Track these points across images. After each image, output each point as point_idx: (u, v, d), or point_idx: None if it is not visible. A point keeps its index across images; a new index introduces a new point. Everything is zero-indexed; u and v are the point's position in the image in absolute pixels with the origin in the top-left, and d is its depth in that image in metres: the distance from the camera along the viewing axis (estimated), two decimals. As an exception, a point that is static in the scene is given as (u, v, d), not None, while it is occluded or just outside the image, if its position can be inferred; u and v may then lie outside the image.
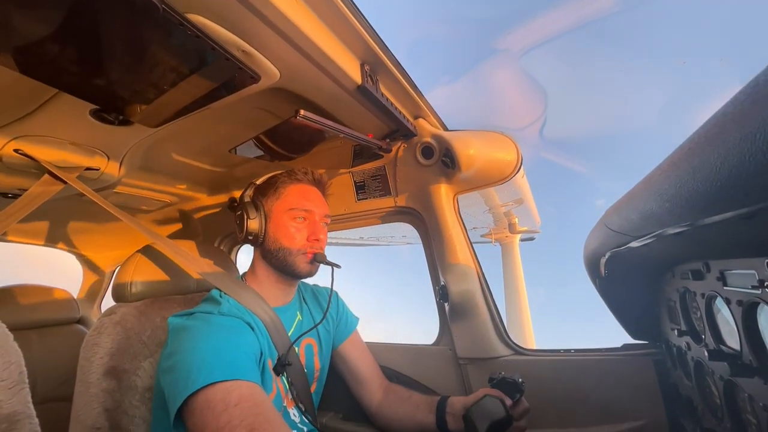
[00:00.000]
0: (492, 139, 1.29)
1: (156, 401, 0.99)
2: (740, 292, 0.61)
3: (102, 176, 1.23)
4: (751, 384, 0.62)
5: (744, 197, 0.38)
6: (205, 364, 0.83)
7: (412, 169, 1.40)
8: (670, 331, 0.95)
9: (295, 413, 1.09)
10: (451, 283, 1.31)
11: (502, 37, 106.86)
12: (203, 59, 0.75)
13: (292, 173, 1.18)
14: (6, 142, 1.01)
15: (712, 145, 0.38)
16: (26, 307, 1.77)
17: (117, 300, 1.18)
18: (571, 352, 1.23)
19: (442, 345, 1.42)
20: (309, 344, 1.22)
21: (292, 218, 1.12)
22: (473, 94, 44.25)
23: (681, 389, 0.96)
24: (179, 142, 1.24)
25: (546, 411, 1.17)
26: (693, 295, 0.79)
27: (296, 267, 1.11)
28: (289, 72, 0.87)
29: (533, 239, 11.22)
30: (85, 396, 0.98)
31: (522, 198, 7.19)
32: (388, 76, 1.06)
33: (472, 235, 1.44)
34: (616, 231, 0.76)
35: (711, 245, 0.66)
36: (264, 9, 0.68)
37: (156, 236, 1.13)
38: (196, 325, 0.93)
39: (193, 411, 0.79)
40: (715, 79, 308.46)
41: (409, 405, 1.21)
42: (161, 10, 0.61)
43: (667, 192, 0.49)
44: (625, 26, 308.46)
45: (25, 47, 0.67)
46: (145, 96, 0.86)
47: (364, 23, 0.86)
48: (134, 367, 1.04)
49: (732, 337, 0.68)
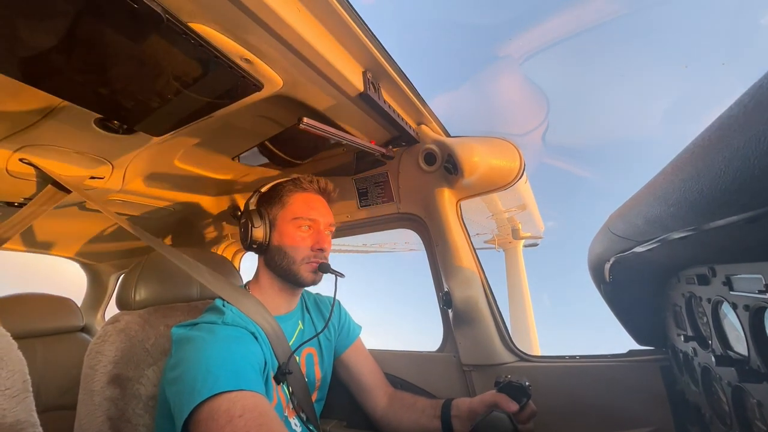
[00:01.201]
0: (494, 145, 1.29)
1: (160, 411, 0.98)
2: (747, 296, 0.60)
3: (106, 185, 1.24)
4: (759, 390, 0.61)
5: (749, 200, 0.38)
6: (210, 375, 0.82)
7: (414, 175, 1.40)
8: (677, 336, 0.94)
9: (296, 423, 1.08)
10: (454, 290, 1.30)
11: (505, 44, 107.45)
12: (206, 68, 0.76)
13: (297, 182, 1.17)
14: (11, 152, 1.02)
15: (716, 148, 0.37)
16: (30, 315, 1.78)
17: (120, 308, 1.18)
18: (576, 359, 1.22)
19: (446, 352, 1.41)
20: (309, 353, 1.21)
21: (297, 227, 1.11)
22: (476, 101, 44.36)
23: (688, 395, 0.95)
24: (182, 150, 1.25)
25: (551, 418, 1.16)
26: (699, 300, 0.78)
27: (300, 276, 1.11)
28: (291, 80, 0.88)
29: (537, 245, 11.20)
30: (88, 404, 0.98)
31: (525, 204, 7.18)
32: (390, 83, 1.06)
33: (476, 241, 1.43)
34: (621, 236, 0.75)
35: (716, 249, 0.65)
36: (266, 17, 0.68)
37: (159, 244, 1.13)
38: (200, 335, 0.93)
39: (199, 422, 0.78)
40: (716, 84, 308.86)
41: (413, 411, 1.21)
42: (165, 19, 0.61)
43: (671, 196, 0.49)
44: (627, 30, 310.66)
45: (29, 58, 0.68)
46: (148, 105, 0.87)
47: (366, 31, 0.87)
48: (138, 375, 1.04)
49: (739, 342, 0.67)
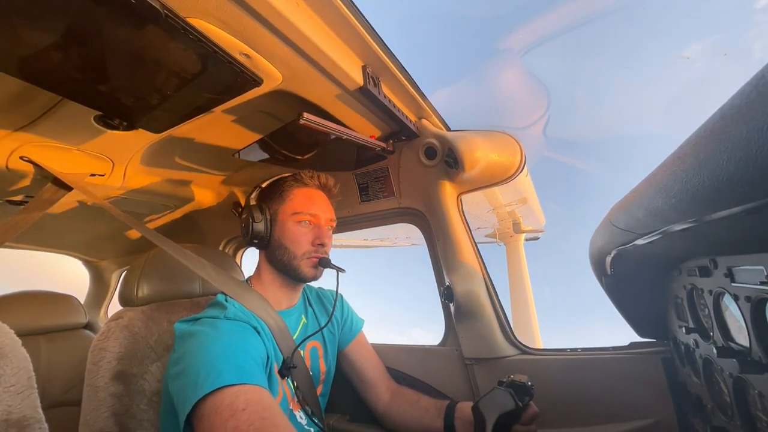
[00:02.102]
0: (495, 139, 1.29)
1: (164, 406, 0.99)
2: (748, 288, 0.60)
3: (107, 181, 1.24)
4: (761, 381, 0.61)
5: (751, 191, 0.37)
6: (213, 369, 0.82)
7: (415, 170, 1.40)
8: (678, 328, 0.95)
9: (301, 416, 1.09)
10: (456, 284, 1.30)
11: (505, 37, 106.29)
12: (205, 64, 0.76)
13: (298, 177, 1.17)
14: (12, 150, 1.02)
15: (718, 138, 0.37)
16: (34, 313, 1.78)
17: (123, 304, 1.19)
18: (578, 351, 1.22)
19: (448, 345, 1.42)
20: (314, 347, 1.22)
21: (298, 222, 1.11)
22: (476, 94, 44.05)
23: (690, 387, 0.95)
24: (183, 146, 1.25)
25: (553, 410, 1.17)
26: (700, 291, 0.78)
27: (300, 271, 1.11)
28: (291, 75, 0.87)
29: (538, 239, 11.18)
30: (93, 400, 0.99)
31: (526, 197, 7.17)
32: (390, 78, 1.06)
33: (477, 235, 1.43)
34: (622, 228, 0.75)
35: (718, 241, 0.65)
36: (265, 12, 0.68)
37: (161, 240, 1.13)
38: (203, 330, 0.93)
39: (202, 416, 0.79)
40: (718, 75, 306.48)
41: (416, 409, 1.21)
42: (163, 15, 0.61)
43: (672, 187, 0.49)
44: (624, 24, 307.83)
45: (29, 56, 0.68)
46: (148, 101, 0.86)
47: (365, 25, 0.87)
48: (142, 371, 1.05)
49: (741, 333, 0.67)
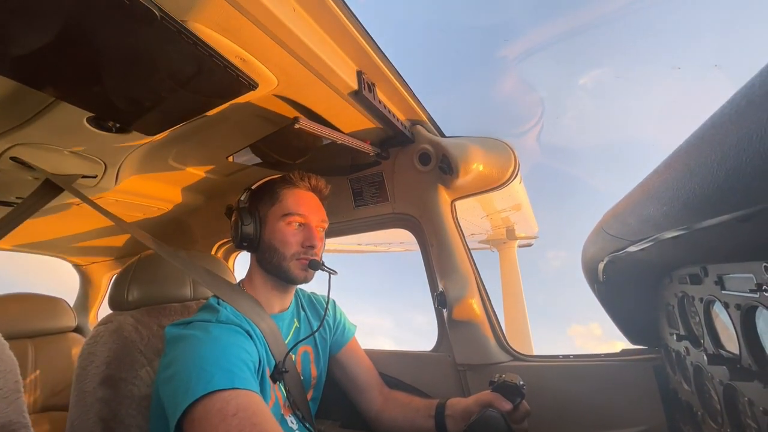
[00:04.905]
0: (489, 145, 1.29)
1: (154, 411, 0.98)
2: (738, 296, 0.61)
3: (99, 184, 1.23)
4: (750, 388, 0.61)
5: (741, 199, 0.38)
6: (204, 374, 0.81)
7: (409, 175, 1.40)
8: (669, 335, 0.95)
9: (292, 420, 1.08)
10: (449, 290, 1.30)
11: (500, 45, 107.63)
12: (201, 67, 0.76)
13: (288, 178, 1.16)
14: (3, 150, 1.01)
15: (709, 147, 0.38)
16: (22, 316, 1.76)
17: (113, 308, 1.17)
18: (570, 358, 1.23)
19: (441, 351, 1.41)
20: (306, 351, 1.21)
21: (287, 224, 1.10)
22: (471, 102, 44.35)
23: (680, 394, 0.95)
24: (177, 149, 1.24)
25: (545, 417, 1.17)
26: (691, 299, 0.79)
27: (291, 273, 1.10)
28: (286, 79, 0.88)
29: (531, 245, 11.24)
30: (81, 405, 0.98)
31: (519, 204, 7.21)
32: (384, 83, 1.06)
33: (470, 241, 1.43)
34: (614, 236, 0.76)
35: (709, 249, 0.66)
36: (261, 17, 0.68)
37: (153, 244, 1.12)
38: (194, 334, 0.92)
39: (192, 421, 0.78)
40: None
41: (408, 410, 1.21)
42: (159, 18, 0.61)
43: (664, 195, 0.50)
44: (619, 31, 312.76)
45: (22, 56, 0.67)
46: (142, 103, 0.86)
47: (360, 30, 0.87)
48: (131, 375, 1.03)
49: (731, 341, 0.68)
